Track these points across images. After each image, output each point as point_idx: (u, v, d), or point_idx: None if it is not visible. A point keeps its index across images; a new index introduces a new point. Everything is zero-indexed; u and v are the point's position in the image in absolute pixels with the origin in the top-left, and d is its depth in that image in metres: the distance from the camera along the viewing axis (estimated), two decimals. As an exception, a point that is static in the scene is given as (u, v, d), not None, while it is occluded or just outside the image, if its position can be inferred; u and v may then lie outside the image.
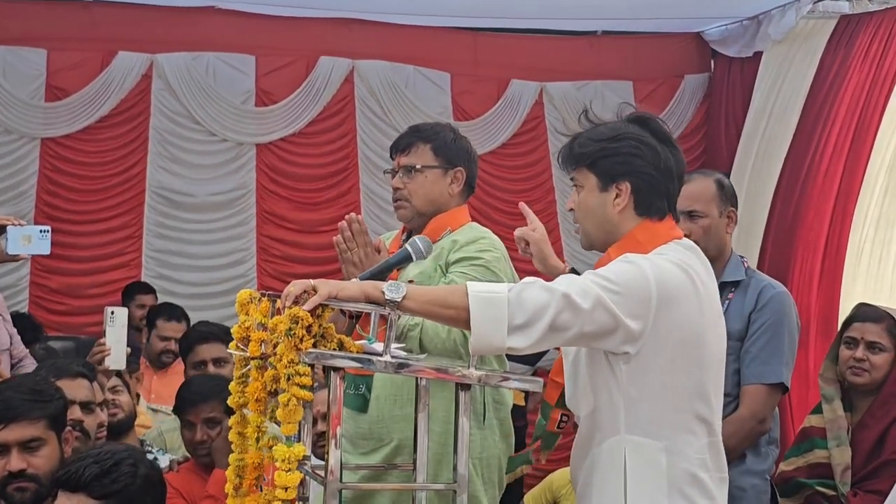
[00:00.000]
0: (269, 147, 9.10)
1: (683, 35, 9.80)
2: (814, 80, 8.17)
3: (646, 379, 3.13)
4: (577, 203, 3.32)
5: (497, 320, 2.97)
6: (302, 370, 2.82)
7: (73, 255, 8.46)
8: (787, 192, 8.16)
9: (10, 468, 3.65)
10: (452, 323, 3.08)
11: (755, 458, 4.40)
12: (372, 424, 4.00)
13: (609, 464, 3.17)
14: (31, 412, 3.72)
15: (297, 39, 9.08)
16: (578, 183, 3.32)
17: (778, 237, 8.17)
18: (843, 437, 4.75)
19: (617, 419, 3.15)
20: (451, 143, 4.16)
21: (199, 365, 5.72)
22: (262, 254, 9.00)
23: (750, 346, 4.36)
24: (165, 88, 8.85)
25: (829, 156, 7.83)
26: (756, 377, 4.34)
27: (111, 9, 8.66)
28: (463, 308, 2.97)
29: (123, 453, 3.49)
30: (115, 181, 8.76)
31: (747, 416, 4.32)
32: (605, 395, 3.17)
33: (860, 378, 4.79)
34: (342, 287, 2.95)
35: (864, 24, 7.81)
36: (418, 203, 4.12)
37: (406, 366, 3.00)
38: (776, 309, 4.39)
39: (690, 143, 9.77)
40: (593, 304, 3.02)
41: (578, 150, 3.32)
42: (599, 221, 3.28)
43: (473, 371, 3.02)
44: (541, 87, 9.61)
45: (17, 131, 8.54)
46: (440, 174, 4.14)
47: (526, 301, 2.99)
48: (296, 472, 2.86)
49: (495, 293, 3.00)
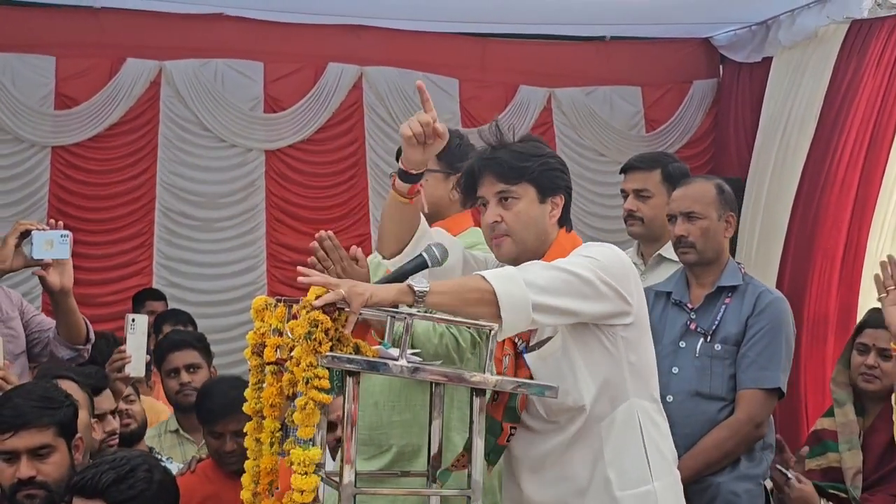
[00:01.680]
0: (277, 153, 9.12)
1: (692, 40, 9.80)
2: (829, 87, 8.11)
3: (639, 345, 3.43)
4: (512, 214, 3.44)
5: (521, 297, 3.11)
6: (320, 373, 2.83)
7: (85, 263, 8.45)
8: (806, 200, 8.11)
9: (19, 475, 3.64)
10: (479, 306, 3.12)
11: (749, 463, 4.38)
12: (371, 431, 4.01)
13: (622, 430, 3.38)
14: (41, 419, 3.71)
15: (306, 46, 9.09)
16: (514, 195, 3.43)
17: (798, 245, 8.13)
18: (854, 441, 4.75)
19: (624, 386, 3.40)
20: (454, 148, 4.13)
21: (173, 373, 5.75)
22: (272, 260, 9.01)
23: (747, 351, 4.35)
24: (174, 95, 8.87)
25: (846, 164, 7.76)
26: (754, 382, 4.33)
27: (119, 15, 8.68)
28: (487, 290, 3.09)
29: (138, 459, 3.50)
30: (126, 189, 8.78)
31: (744, 420, 4.32)
32: (606, 369, 3.36)
33: (872, 385, 4.78)
34: (373, 293, 2.98)
35: (876, 29, 7.76)
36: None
37: (421, 370, 3.01)
38: (774, 315, 4.39)
39: (699, 148, 9.79)
40: (597, 279, 3.25)
41: (519, 164, 3.44)
42: (538, 232, 3.46)
43: (490, 376, 3.04)
44: (549, 92, 9.61)
45: (28, 140, 8.55)
46: (441, 178, 4.14)
47: (537, 279, 3.16)
48: (312, 476, 2.86)
49: (508, 272, 3.17)
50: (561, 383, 3.26)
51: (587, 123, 9.60)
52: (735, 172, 9.22)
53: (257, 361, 3.22)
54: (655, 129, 9.77)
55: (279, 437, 3.20)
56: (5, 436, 3.67)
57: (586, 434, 3.39)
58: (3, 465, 3.68)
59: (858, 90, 7.78)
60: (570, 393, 3.33)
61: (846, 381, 4.88)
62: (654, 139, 9.64)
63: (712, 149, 9.85)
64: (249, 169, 9.05)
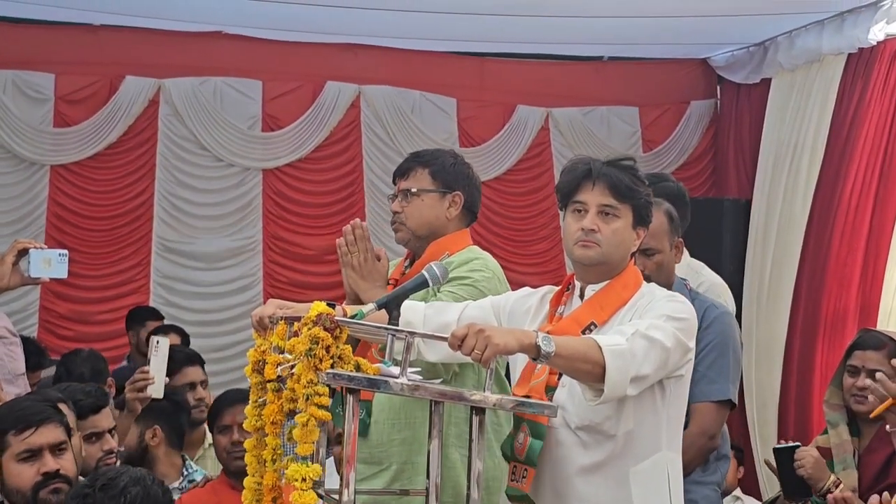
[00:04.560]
0: (275, 172, 9.12)
1: (689, 61, 9.83)
2: (835, 111, 8.08)
3: (681, 398, 3.52)
4: (610, 229, 3.49)
5: (625, 372, 3.21)
6: (321, 390, 2.84)
7: (82, 281, 8.45)
8: (819, 228, 8.07)
9: (45, 469, 3.70)
10: (586, 377, 3.23)
11: (702, 472, 4.44)
12: (372, 449, 4.02)
13: (651, 480, 3.41)
14: (57, 415, 3.81)
15: (304, 64, 9.11)
16: (616, 213, 3.50)
17: (813, 272, 8.10)
18: (849, 461, 4.74)
19: (659, 437, 3.43)
20: (449, 167, 4.19)
21: (189, 387, 5.75)
22: (268, 279, 9.01)
23: (697, 365, 4.33)
24: (173, 114, 8.87)
25: (859, 190, 7.73)
26: (704, 395, 4.37)
27: (118, 33, 8.69)
28: (599, 364, 3.18)
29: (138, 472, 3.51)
30: (124, 209, 8.77)
31: (697, 433, 4.34)
32: (649, 416, 3.39)
33: (864, 406, 4.77)
34: (504, 344, 3.05)
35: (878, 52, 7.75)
36: (413, 225, 4.15)
37: (422, 388, 3.01)
38: (720, 329, 4.45)
39: (696, 169, 9.80)
40: (681, 347, 3.38)
41: (633, 186, 3.52)
42: (623, 254, 3.53)
43: (490, 395, 3.05)
44: (547, 112, 9.64)
45: (28, 159, 8.56)
46: (437, 198, 4.16)
47: (638, 353, 3.25)
48: (311, 493, 2.86)
49: (621, 345, 3.23)
50: (613, 404, 3.33)
51: (584, 143, 9.60)
52: (735, 193, 9.25)
53: (258, 379, 3.22)
54: (652, 149, 9.79)
55: (281, 453, 3.21)
56: (27, 433, 3.73)
57: (615, 473, 3.40)
58: (24, 467, 3.72)
59: (866, 114, 7.75)
60: (609, 417, 3.37)
61: (839, 403, 4.88)
62: (652, 159, 9.64)
63: (710, 169, 9.86)
64: (247, 188, 9.06)
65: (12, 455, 3.73)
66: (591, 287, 3.50)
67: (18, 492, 3.71)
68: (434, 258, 4.02)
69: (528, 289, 3.75)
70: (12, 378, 4.85)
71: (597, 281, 3.50)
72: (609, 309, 3.46)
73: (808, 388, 7.97)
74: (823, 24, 8.23)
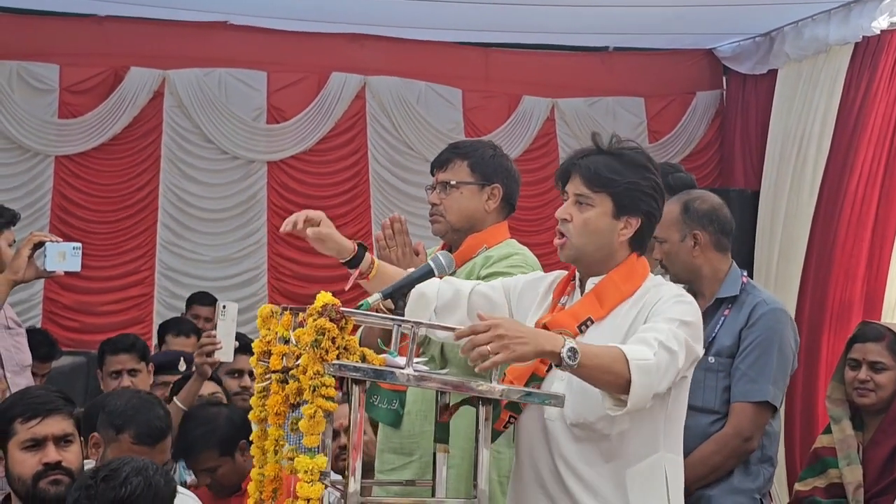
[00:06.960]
0: (280, 164, 9.11)
1: (695, 51, 9.81)
2: (841, 101, 8.06)
3: (682, 399, 3.44)
4: (580, 220, 3.42)
5: (649, 388, 3.15)
6: (327, 381, 2.82)
7: (86, 272, 8.42)
8: (825, 218, 8.07)
9: (46, 460, 3.68)
10: (610, 388, 3.17)
11: (743, 477, 4.35)
12: (403, 440, 4.00)
13: (648, 481, 3.34)
14: (66, 406, 3.79)
15: (309, 55, 9.10)
16: (589, 202, 3.41)
17: (820, 263, 8.08)
18: (853, 456, 4.73)
19: (657, 438, 3.36)
20: (488, 159, 4.15)
21: (236, 373, 5.70)
22: (273, 272, 9.00)
23: (739, 364, 4.32)
24: (177, 106, 8.88)
25: (865, 180, 7.72)
26: (743, 395, 4.30)
27: (123, 23, 8.70)
28: (624, 377, 3.10)
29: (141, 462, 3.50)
30: (129, 201, 8.79)
31: (731, 434, 4.29)
32: (646, 417, 3.30)
33: (866, 399, 4.76)
34: (521, 354, 3.02)
35: (885, 41, 7.74)
36: (452, 218, 4.11)
37: (427, 379, 3.00)
38: (767, 326, 4.34)
39: (702, 159, 9.79)
40: (689, 351, 3.29)
41: (606, 175, 3.42)
42: (599, 244, 3.42)
43: (496, 385, 3.02)
44: (552, 102, 9.62)
45: (32, 149, 8.56)
46: (476, 190, 4.12)
47: (661, 368, 3.19)
48: (318, 484, 2.85)
49: (648, 361, 3.16)
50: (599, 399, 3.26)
51: (590, 134, 9.54)
52: (742, 184, 9.23)
53: (262, 369, 3.21)
54: (658, 139, 9.76)
55: (283, 444, 3.21)
56: (32, 422, 3.72)
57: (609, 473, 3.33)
58: (27, 455, 3.71)
59: (873, 104, 7.73)
60: (603, 417, 3.28)
61: (842, 398, 4.86)
62: (657, 150, 9.60)
63: (716, 159, 9.85)
64: (252, 181, 9.05)
65: (17, 443, 3.72)
66: (592, 279, 3.45)
67: (20, 480, 3.70)
68: (472, 251, 4.05)
69: (540, 273, 3.73)
70: (19, 369, 4.86)
71: (594, 273, 3.44)
72: (608, 304, 3.39)
73: (814, 379, 7.96)
74: (830, 14, 8.20)
